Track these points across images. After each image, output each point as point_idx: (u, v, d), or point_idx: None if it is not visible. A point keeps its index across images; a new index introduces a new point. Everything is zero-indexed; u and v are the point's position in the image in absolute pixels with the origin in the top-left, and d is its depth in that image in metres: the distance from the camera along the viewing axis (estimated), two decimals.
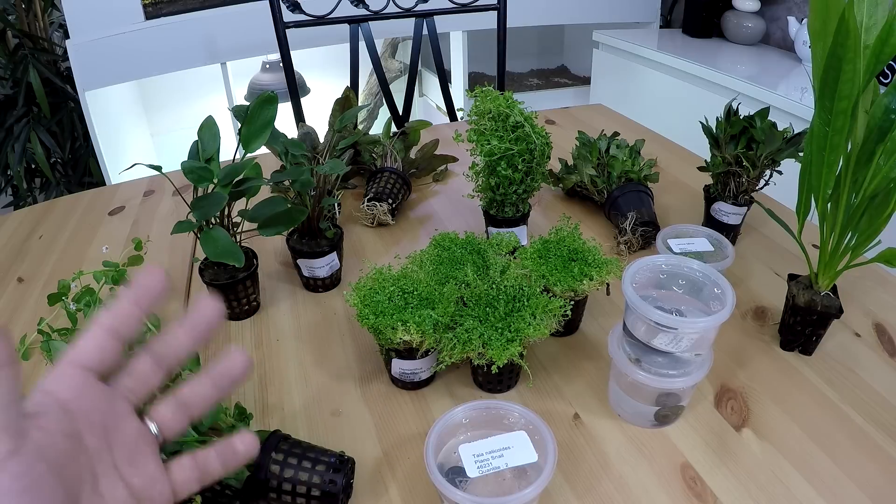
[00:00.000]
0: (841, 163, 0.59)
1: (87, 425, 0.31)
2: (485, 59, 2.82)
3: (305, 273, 0.79)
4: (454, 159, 1.12)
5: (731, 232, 0.86)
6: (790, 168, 0.75)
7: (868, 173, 0.57)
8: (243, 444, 0.36)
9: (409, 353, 0.60)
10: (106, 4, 1.74)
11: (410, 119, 1.36)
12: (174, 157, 1.09)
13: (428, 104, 2.94)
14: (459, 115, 1.39)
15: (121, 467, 0.32)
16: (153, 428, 0.34)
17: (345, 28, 1.35)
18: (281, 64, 1.35)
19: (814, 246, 0.78)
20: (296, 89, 1.37)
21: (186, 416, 0.35)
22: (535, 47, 3.10)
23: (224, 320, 0.36)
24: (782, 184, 0.84)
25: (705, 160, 0.88)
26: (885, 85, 0.55)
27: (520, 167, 0.76)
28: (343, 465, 0.51)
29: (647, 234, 0.85)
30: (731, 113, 0.84)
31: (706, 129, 0.86)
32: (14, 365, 0.28)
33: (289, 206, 0.69)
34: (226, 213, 0.69)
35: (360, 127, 1.59)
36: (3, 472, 0.26)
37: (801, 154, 0.73)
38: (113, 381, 0.33)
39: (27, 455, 0.27)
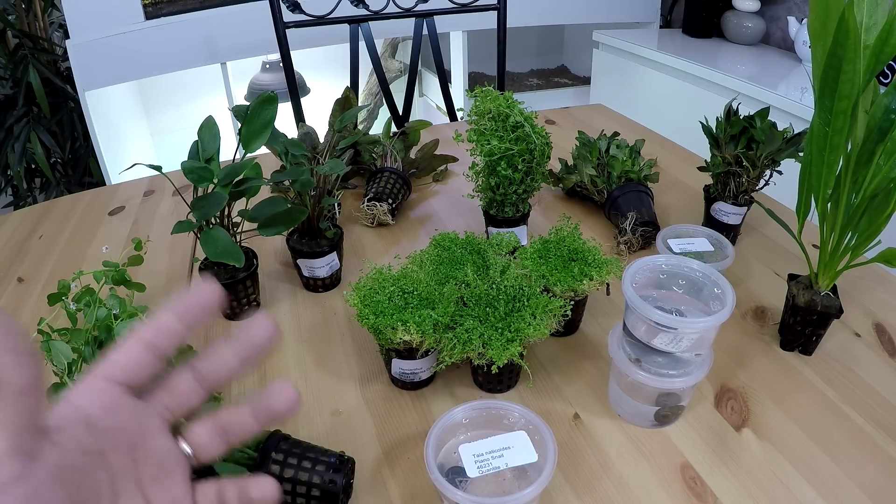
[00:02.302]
0: (841, 163, 0.59)
1: (113, 442, 0.29)
2: (485, 59, 2.82)
3: (305, 273, 0.79)
4: (454, 159, 1.12)
5: (731, 232, 0.86)
6: (790, 168, 0.75)
7: (868, 173, 0.57)
8: (258, 492, 0.33)
9: (409, 353, 0.60)
10: (106, 4, 1.74)
11: (410, 119, 1.36)
12: (174, 157, 1.10)
13: (428, 104, 2.94)
14: (459, 115, 1.39)
15: (145, 486, 0.30)
16: (186, 448, 0.32)
17: (345, 28, 1.35)
18: (281, 64, 1.35)
19: (814, 246, 0.78)
20: (296, 89, 1.37)
21: (223, 443, 0.33)
22: (535, 47, 3.10)
23: (280, 343, 0.34)
24: (782, 184, 0.84)
25: (705, 160, 0.88)
26: (885, 85, 0.55)
27: (520, 167, 0.76)
28: (343, 465, 0.51)
29: (647, 234, 0.85)
30: (731, 113, 0.84)
31: (706, 129, 0.86)
32: (38, 392, 0.26)
33: (289, 206, 0.69)
34: (226, 213, 0.69)
35: (360, 127, 1.59)
36: (9, 495, 0.25)
37: (801, 154, 0.73)
38: (149, 396, 0.31)
39: (36, 477, 0.26)
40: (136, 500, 0.30)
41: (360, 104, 1.15)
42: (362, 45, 1.37)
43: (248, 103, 0.72)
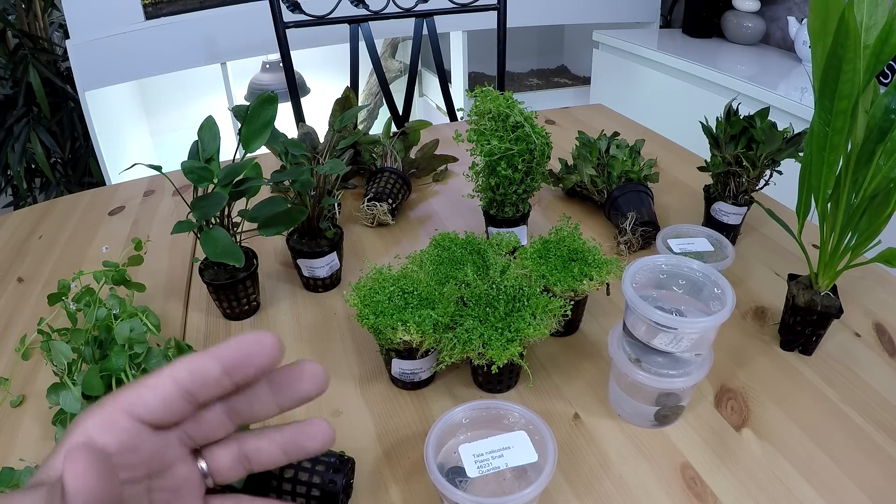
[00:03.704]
0: (841, 163, 0.59)
1: (129, 478, 0.28)
2: (485, 59, 2.82)
3: (305, 273, 0.79)
4: (454, 159, 1.12)
5: (731, 232, 0.86)
6: (790, 168, 0.75)
7: (868, 173, 0.57)
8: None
9: (409, 353, 0.60)
10: (106, 4, 1.74)
11: (410, 119, 1.36)
12: (174, 157, 1.10)
13: (428, 104, 2.94)
14: (459, 115, 1.39)
15: None
16: (203, 468, 0.30)
17: (345, 28, 1.35)
18: (281, 64, 1.35)
19: (814, 246, 0.78)
20: (296, 89, 1.37)
21: (244, 469, 0.31)
22: (535, 47, 3.10)
23: (325, 390, 0.32)
24: (782, 184, 0.84)
25: (705, 160, 0.88)
26: (885, 85, 0.55)
27: (520, 167, 0.76)
28: (343, 465, 0.51)
29: (647, 234, 0.85)
30: (731, 113, 0.84)
31: (706, 129, 0.86)
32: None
33: (289, 206, 0.69)
34: (226, 213, 0.69)
35: (360, 127, 1.59)
36: None
37: (801, 154, 0.73)
38: (174, 425, 0.29)
39: None
40: None
41: (360, 104, 1.15)
42: (362, 45, 1.37)
43: (248, 103, 0.72)
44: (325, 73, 2.64)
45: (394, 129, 1.15)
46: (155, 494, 0.29)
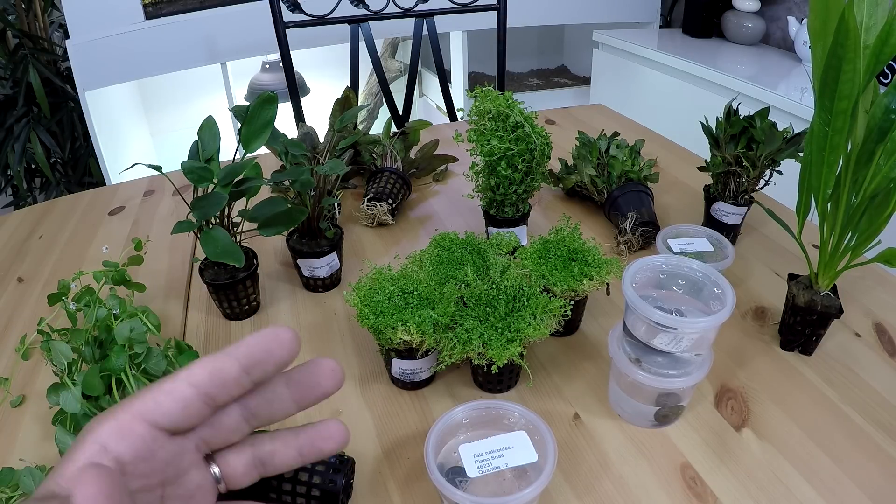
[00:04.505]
0: (841, 163, 0.59)
1: (143, 486, 0.27)
2: (485, 59, 2.82)
3: (305, 273, 0.79)
4: (454, 159, 1.12)
5: (731, 232, 0.86)
6: (790, 168, 0.75)
7: (868, 173, 0.57)
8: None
9: (409, 353, 0.60)
10: (106, 4, 1.74)
11: (410, 119, 1.36)
12: (174, 157, 1.09)
13: (428, 104, 2.94)
14: (459, 115, 1.39)
15: None
16: (216, 473, 0.30)
17: (345, 28, 1.35)
18: (281, 64, 1.35)
19: (814, 246, 0.78)
20: (296, 89, 1.37)
21: (258, 474, 0.31)
22: (535, 47, 3.10)
23: (341, 387, 0.32)
24: (782, 184, 0.84)
25: (705, 160, 0.88)
26: (885, 85, 0.55)
27: (520, 167, 0.76)
28: (343, 465, 0.51)
29: (647, 234, 0.85)
30: (731, 113, 0.84)
31: (706, 129, 0.86)
32: None
33: (289, 206, 0.69)
34: (226, 213, 0.69)
35: (360, 127, 1.59)
36: None
37: (801, 154, 0.73)
38: (190, 431, 0.29)
39: None
40: None
41: (360, 104, 1.15)
42: (362, 45, 1.37)
43: (248, 103, 0.72)
44: (325, 73, 2.64)
45: (394, 129, 1.15)
46: (168, 502, 0.28)
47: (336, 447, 0.31)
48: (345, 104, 0.97)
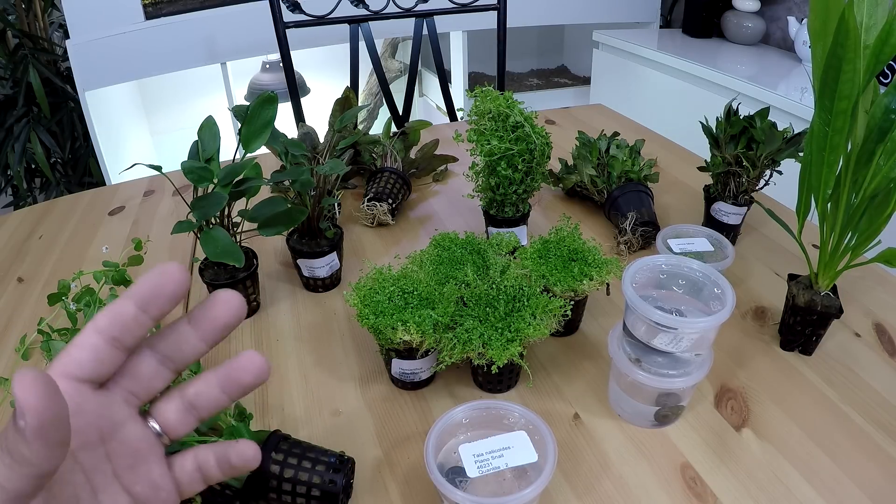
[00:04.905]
0: (841, 163, 0.59)
1: (81, 442, 0.28)
2: (485, 59, 2.82)
3: (305, 273, 0.79)
4: (454, 159, 1.12)
5: (731, 232, 0.86)
6: (790, 168, 0.75)
7: (868, 173, 0.57)
8: (239, 459, 0.33)
9: (409, 353, 0.60)
10: (106, 4, 1.74)
11: (410, 119, 1.36)
12: (174, 157, 1.09)
13: (428, 104, 2.94)
14: (459, 115, 1.39)
15: (122, 476, 0.30)
16: (156, 428, 0.31)
17: (345, 28, 1.35)
18: (281, 64, 1.35)
19: (814, 246, 0.78)
20: (296, 89, 1.37)
21: (194, 418, 0.32)
22: (535, 47, 3.10)
23: (243, 316, 0.33)
24: (782, 184, 0.84)
25: (705, 160, 0.88)
26: (885, 85, 0.55)
27: (520, 167, 0.76)
28: (343, 465, 0.51)
29: (647, 234, 0.85)
30: (731, 113, 0.84)
31: (706, 129, 0.86)
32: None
33: (289, 206, 0.69)
34: (226, 213, 0.69)
35: (360, 127, 1.59)
36: None
37: (801, 154, 0.73)
38: (111, 383, 0.30)
39: None
40: (116, 491, 0.29)
41: (360, 104, 1.15)
42: (362, 45, 1.37)
43: (248, 103, 0.72)
44: (325, 73, 2.64)
45: (394, 129, 1.15)
46: (116, 460, 0.29)
47: (253, 378, 0.32)
48: (345, 104, 0.97)
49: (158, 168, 0.67)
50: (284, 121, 0.95)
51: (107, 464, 0.29)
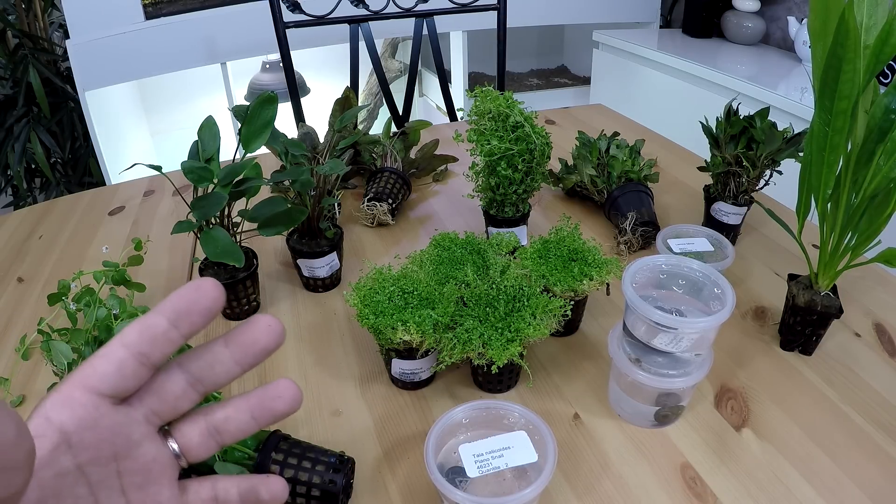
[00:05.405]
0: (841, 163, 0.59)
1: (92, 457, 0.27)
2: (485, 59, 2.82)
3: (305, 273, 0.79)
4: (454, 159, 1.12)
5: (731, 232, 0.86)
6: (790, 168, 0.75)
7: (868, 173, 0.57)
8: (269, 494, 0.32)
9: (409, 353, 0.60)
10: (106, 4, 1.74)
11: (410, 119, 1.36)
12: (174, 157, 1.10)
13: (428, 104, 2.94)
14: (459, 115, 1.39)
15: (129, 493, 0.28)
16: (174, 448, 0.30)
17: (345, 28, 1.35)
18: (281, 64, 1.35)
19: (814, 246, 0.78)
20: (296, 89, 1.37)
21: (216, 443, 0.31)
22: (535, 47, 3.10)
23: (283, 342, 0.31)
24: (782, 184, 0.84)
25: (705, 160, 0.88)
26: (885, 85, 0.55)
27: (520, 167, 0.76)
28: (343, 465, 0.51)
29: (647, 234, 0.85)
30: (731, 113, 0.84)
31: (706, 129, 0.86)
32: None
33: (289, 206, 0.69)
34: (226, 213, 0.69)
35: (360, 127, 1.59)
36: None
37: (801, 154, 0.73)
38: (134, 399, 0.29)
39: None
40: None
41: (360, 104, 1.15)
42: (362, 45, 1.37)
43: (248, 103, 0.72)
44: (325, 73, 2.64)
45: (394, 129, 1.15)
46: (126, 478, 0.28)
47: (287, 406, 0.31)
48: (345, 104, 0.97)
49: (158, 168, 0.67)
50: (284, 121, 0.95)
51: (116, 480, 0.28)
